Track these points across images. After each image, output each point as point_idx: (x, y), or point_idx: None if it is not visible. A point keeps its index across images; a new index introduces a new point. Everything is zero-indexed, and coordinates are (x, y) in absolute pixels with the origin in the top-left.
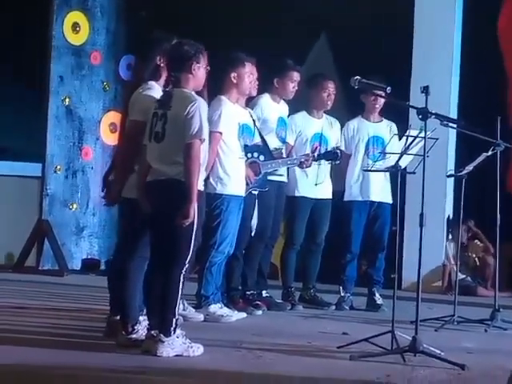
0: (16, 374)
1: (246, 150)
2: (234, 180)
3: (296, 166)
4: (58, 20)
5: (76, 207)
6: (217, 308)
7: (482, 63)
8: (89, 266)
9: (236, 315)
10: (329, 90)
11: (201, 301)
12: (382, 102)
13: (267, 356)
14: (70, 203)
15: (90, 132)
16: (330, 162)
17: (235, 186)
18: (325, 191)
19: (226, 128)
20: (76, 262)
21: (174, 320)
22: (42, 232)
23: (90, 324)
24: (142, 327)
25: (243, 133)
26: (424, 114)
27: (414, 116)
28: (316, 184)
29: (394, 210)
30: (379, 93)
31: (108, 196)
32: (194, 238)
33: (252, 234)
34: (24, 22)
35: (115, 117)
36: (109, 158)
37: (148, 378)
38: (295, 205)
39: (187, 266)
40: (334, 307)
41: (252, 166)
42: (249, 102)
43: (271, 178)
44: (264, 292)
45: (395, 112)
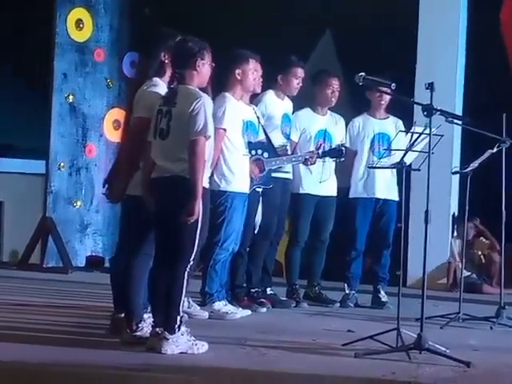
0: (20, 371)
1: (250, 146)
2: (238, 177)
3: (300, 163)
4: (61, 17)
5: (80, 204)
6: (221, 305)
7: (487, 59)
8: (93, 264)
9: (240, 312)
10: (333, 87)
11: (205, 298)
12: (387, 98)
13: (272, 353)
14: (74, 200)
15: (94, 129)
16: (335, 159)
17: (239, 182)
18: (329, 188)
19: (230, 125)
20: (80, 260)
21: (179, 317)
22: (46, 229)
23: (94, 321)
24: (146, 325)
25: (247, 130)
26: (429, 110)
27: (418, 113)
28: (320, 181)
29: (399, 207)
30: (384, 89)
31: (110, 193)
32: (198, 236)
33: (255, 231)
34: (27, 20)
35: (119, 114)
36: (113, 155)
37: (152, 375)
38: (300, 202)
39: (192, 264)
40: (339, 304)
41: (256, 163)
42: (253, 98)
43: (276, 174)
44: (268, 289)
45: (400, 109)
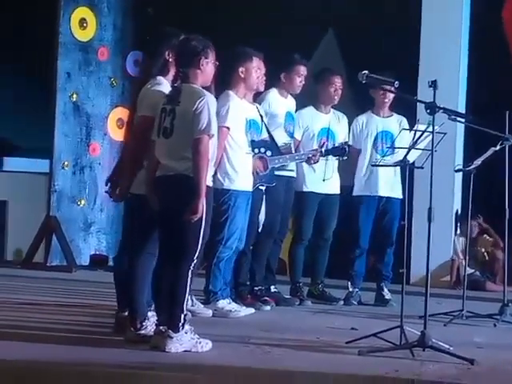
0: (24, 369)
1: (253, 145)
2: (242, 175)
3: (303, 162)
4: (64, 16)
5: (84, 203)
6: (225, 303)
7: (490, 57)
8: (97, 262)
9: (244, 311)
10: (336, 85)
11: (209, 296)
12: (391, 96)
13: (275, 351)
14: (78, 199)
15: (98, 128)
16: (338, 157)
17: (242, 181)
18: (333, 186)
19: (234, 123)
20: (84, 258)
21: (183, 315)
22: (50, 228)
23: (98, 320)
24: (150, 323)
25: (250, 128)
26: (432, 108)
27: (421, 110)
28: (324, 180)
29: (403, 204)
30: (387, 87)
31: (114, 192)
32: (202, 234)
33: (259, 229)
34: (31, 19)
35: (123, 113)
36: (116, 154)
37: (156, 373)
38: (303, 200)
39: (195, 262)
40: (343, 302)
41: (260, 161)
42: (256, 97)
43: (280, 173)
44: (272, 287)
45: (403, 106)
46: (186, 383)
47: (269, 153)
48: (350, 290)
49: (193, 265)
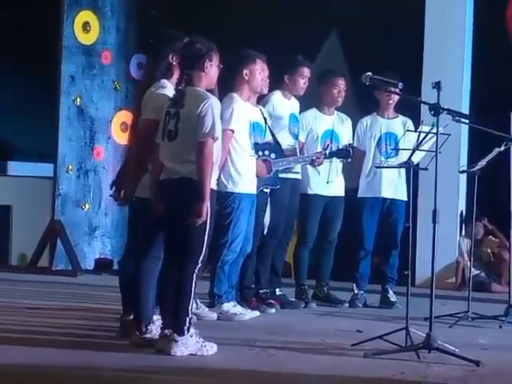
0: (29, 374)
1: (257, 147)
2: (245, 178)
3: (307, 164)
4: (68, 19)
5: (88, 207)
6: (230, 306)
7: (494, 58)
8: (102, 266)
9: (249, 314)
10: (339, 87)
11: (214, 300)
12: (395, 98)
13: (280, 354)
14: (83, 203)
15: (102, 132)
16: (342, 159)
17: (246, 184)
18: (337, 189)
19: (238, 126)
20: (89, 262)
21: (188, 319)
22: (54, 232)
23: (103, 324)
24: (155, 326)
25: (254, 131)
26: (436, 109)
27: (426, 112)
28: (328, 182)
29: (407, 206)
30: (391, 89)
31: (118, 196)
32: (207, 237)
33: (264, 232)
34: (34, 22)
35: (126, 116)
36: (120, 158)
37: (162, 377)
38: (308, 203)
39: (200, 265)
40: (348, 305)
41: (264, 164)
42: (260, 99)
43: (286, 175)
44: (277, 290)
45: (407, 108)
46: None
47: (273, 155)
48: (355, 292)
49: (197, 268)
